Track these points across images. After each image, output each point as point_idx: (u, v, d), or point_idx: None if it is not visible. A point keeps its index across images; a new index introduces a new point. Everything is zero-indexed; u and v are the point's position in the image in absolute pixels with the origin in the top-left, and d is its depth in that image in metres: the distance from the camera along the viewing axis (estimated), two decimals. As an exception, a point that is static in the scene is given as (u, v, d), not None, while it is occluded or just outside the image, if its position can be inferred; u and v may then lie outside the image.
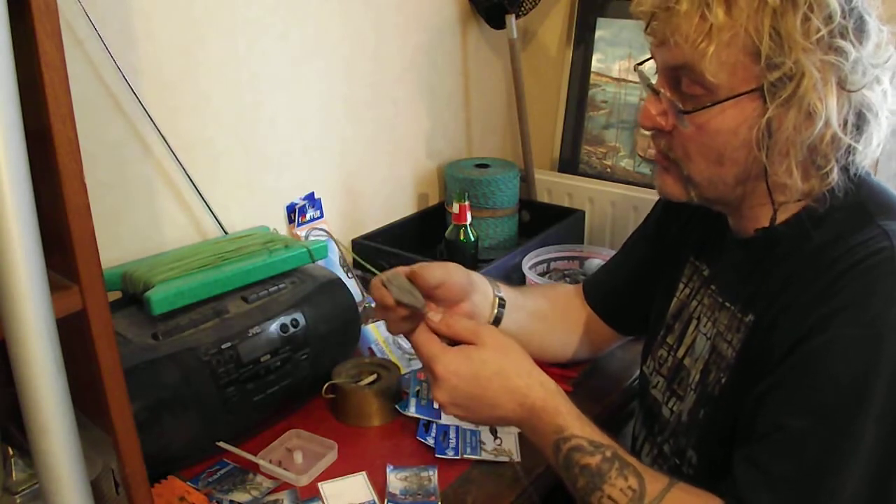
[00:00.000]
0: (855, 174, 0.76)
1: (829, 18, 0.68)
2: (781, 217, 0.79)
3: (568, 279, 1.42)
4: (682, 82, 0.75)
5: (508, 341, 0.83)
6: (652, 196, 1.48)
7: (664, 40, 0.74)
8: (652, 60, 0.80)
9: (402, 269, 0.88)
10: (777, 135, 0.72)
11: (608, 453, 0.76)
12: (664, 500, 0.74)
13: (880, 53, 0.72)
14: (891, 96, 0.74)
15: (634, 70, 0.85)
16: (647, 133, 0.82)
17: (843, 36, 0.69)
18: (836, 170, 0.74)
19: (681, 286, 0.95)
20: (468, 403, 0.81)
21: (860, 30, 0.71)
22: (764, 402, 0.74)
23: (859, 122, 0.72)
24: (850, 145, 0.72)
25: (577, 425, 0.78)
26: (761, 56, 0.70)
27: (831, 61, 0.69)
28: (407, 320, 0.85)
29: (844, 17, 0.69)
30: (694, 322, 0.91)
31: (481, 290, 1.01)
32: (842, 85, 0.70)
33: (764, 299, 0.79)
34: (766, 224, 0.80)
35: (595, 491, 0.75)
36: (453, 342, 0.82)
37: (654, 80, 0.80)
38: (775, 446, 0.71)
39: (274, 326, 1.01)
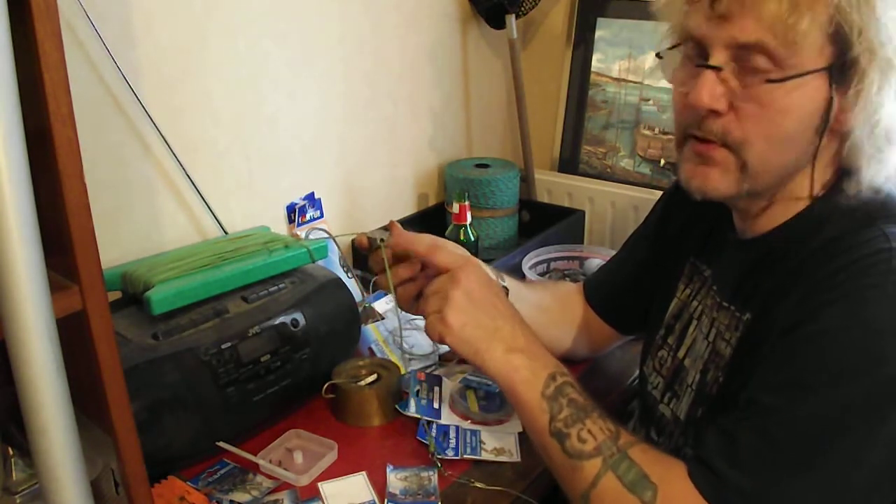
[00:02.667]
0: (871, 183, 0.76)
1: None
2: (781, 218, 0.80)
3: (568, 279, 1.42)
4: (749, 59, 0.71)
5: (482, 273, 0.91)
6: (652, 196, 1.48)
7: (735, 13, 0.70)
8: (676, 47, 0.78)
9: (393, 223, 0.95)
10: (836, 120, 0.72)
11: (593, 404, 0.80)
12: (634, 447, 0.76)
13: None
14: None
15: (658, 56, 0.80)
16: (694, 118, 0.76)
17: None
18: (864, 173, 0.73)
19: (681, 286, 0.95)
20: (467, 316, 0.84)
21: None
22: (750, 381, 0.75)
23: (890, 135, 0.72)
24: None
25: (570, 375, 0.83)
26: (843, 35, 0.69)
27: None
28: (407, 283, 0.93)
29: None
30: (694, 322, 0.91)
31: None
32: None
33: (762, 297, 0.79)
34: (778, 223, 0.80)
35: (577, 423, 0.78)
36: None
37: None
38: (747, 419, 0.72)
39: (274, 326, 1.01)
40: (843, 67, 0.70)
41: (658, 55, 0.81)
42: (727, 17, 0.71)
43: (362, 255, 0.98)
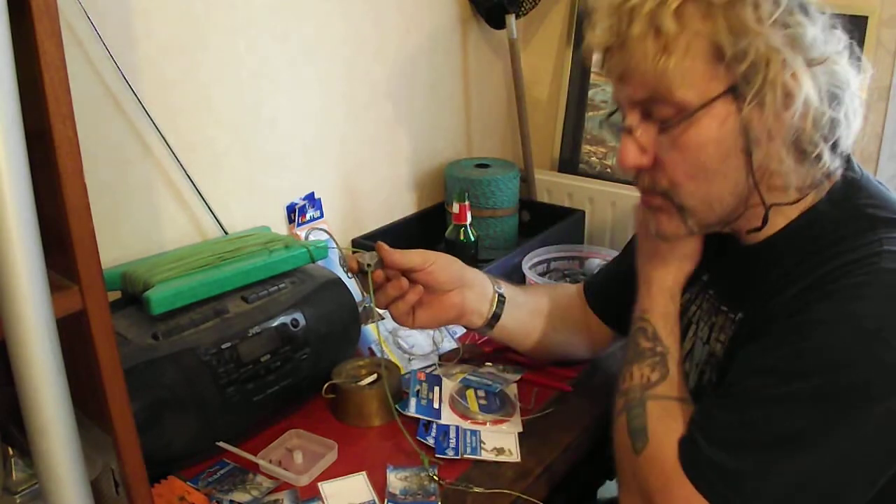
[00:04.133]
0: (851, 173, 0.77)
1: (776, 2, 0.70)
2: (781, 223, 0.80)
3: (568, 279, 1.42)
4: (652, 111, 0.75)
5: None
6: (652, 196, 1.49)
7: (625, 72, 0.75)
8: (614, 113, 0.81)
9: (380, 245, 0.95)
10: (758, 129, 0.72)
11: (658, 349, 0.85)
12: (660, 401, 0.81)
13: (831, 36, 0.74)
14: (854, 76, 0.74)
15: (602, 126, 0.87)
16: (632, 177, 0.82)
17: (793, 13, 0.71)
18: (826, 151, 0.73)
19: (680, 290, 0.96)
20: None
21: (806, 10, 0.72)
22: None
23: (833, 99, 0.73)
24: (833, 119, 0.72)
25: (657, 312, 0.88)
26: (725, 54, 0.70)
27: (791, 37, 0.70)
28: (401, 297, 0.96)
29: (788, 1, 0.71)
30: (693, 327, 0.92)
31: (478, 286, 1.02)
32: (808, 60, 0.71)
33: (754, 298, 0.80)
34: (768, 233, 0.80)
35: (629, 364, 0.86)
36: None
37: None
38: (726, 398, 0.75)
39: (274, 326, 1.01)
40: (746, 73, 0.70)
41: (606, 121, 0.86)
42: (622, 75, 0.75)
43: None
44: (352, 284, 1.14)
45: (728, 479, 0.70)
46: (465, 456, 0.96)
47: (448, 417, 1.04)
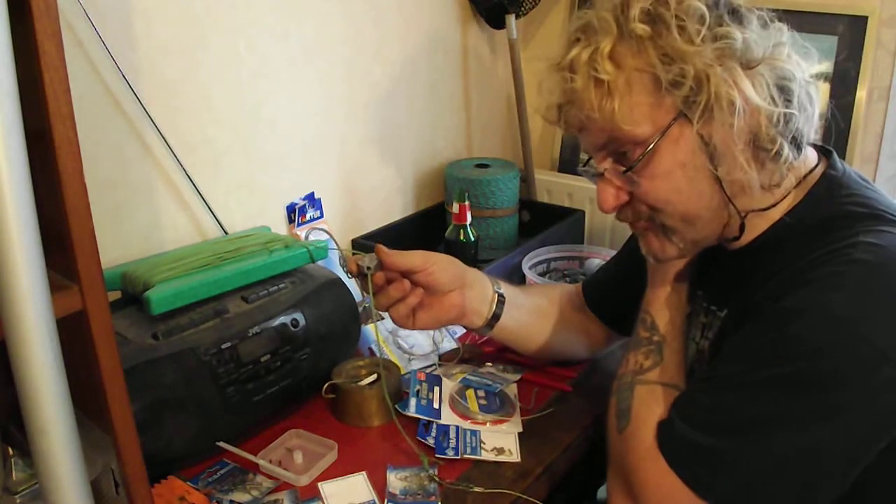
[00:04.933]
0: (832, 172, 0.79)
1: (701, 18, 0.72)
2: (763, 226, 0.81)
3: (568, 279, 1.42)
4: (615, 151, 0.78)
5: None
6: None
7: (581, 124, 0.78)
8: (588, 160, 0.83)
9: (379, 248, 0.96)
10: (715, 141, 0.73)
11: (655, 338, 0.88)
12: (649, 385, 0.84)
13: (769, 29, 0.75)
14: (804, 64, 0.76)
15: (580, 173, 0.90)
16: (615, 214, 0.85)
17: (721, 24, 0.72)
18: (786, 146, 0.74)
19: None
20: None
21: (736, 17, 0.74)
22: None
23: (784, 93, 0.74)
24: (785, 114, 0.73)
25: (657, 304, 0.90)
26: (664, 82, 0.72)
27: (722, 49, 0.71)
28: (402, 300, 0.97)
29: (714, 11, 0.72)
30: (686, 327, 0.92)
31: (478, 286, 1.02)
32: (745, 65, 0.72)
33: (739, 296, 0.81)
34: (751, 237, 0.82)
35: (627, 351, 0.90)
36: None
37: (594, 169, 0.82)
38: (706, 382, 0.78)
39: (274, 326, 1.01)
40: (689, 95, 0.72)
41: (581, 170, 0.88)
42: (580, 127, 0.79)
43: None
44: (352, 284, 1.14)
45: (701, 459, 0.73)
46: (465, 456, 0.96)
47: (448, 417, 1.04)
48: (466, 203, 1.40)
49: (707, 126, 0.73)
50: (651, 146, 0.75)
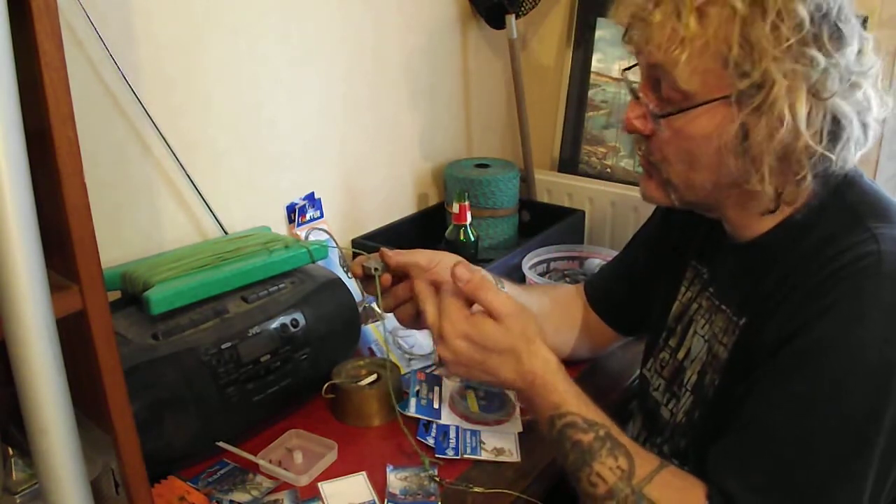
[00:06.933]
0: (835, 179, 0.77)
1: (798, 27, 0.69)
2: (772, 222, 0.80)
3: (568, 279, 1.42)
4: (661, 87, 0.76)
5: (530, 325, 0.84)
6: (652, 196, 1.48)
7: (640, 49, 0.77)
8: (635, 66, 0.81)
9: (383, 251, 0.95)
10: (749, 141, 0.72)
11: (601, 432, 0.78)
12: (652, 482, 0.75)
13: (863, 60, 0.73)
14: (875, 103, 0.74)
15: (621, 75, 0.86)
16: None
17: (814, 43, 0.69)
18: (809, 177, 0.74)
19: (682, 289, 0.96)
20: (469, 364, 0.85)
21: (836, 37, 0.71)
22: (747, 396, 0.75)
23: (835, 128, 0.72)
24: (823, 156, 0.72)
25: (573, 402, 0.81)
26: (733, 64, 0.71)
27: (800, 69, 0.69)
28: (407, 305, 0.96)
29: (816, 25, 0.69)
30: (693, 324, 0.92)
31: None
32: (813, 93, 0.70)
33: (756, 302, 0.80)
34: (761, 230, 0.81)
35: (584, 467, 0.78)
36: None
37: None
38: (749, 437, 0.73)
39: (274, 326, 1.01)
40: (747, 90, 0.71)
41: (623, 73, 0.86)
42: (638, 50, 0.78)
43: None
44: (352, 284, 1.14)
45: None
46: (465, 456, 0.96)
47: (448, 417, 1.04)
48: (466, 203, 1.40)
49: (751, 123, 0.72)
50: (692, 107, 0.74)
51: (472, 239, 1.41)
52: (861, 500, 0.69)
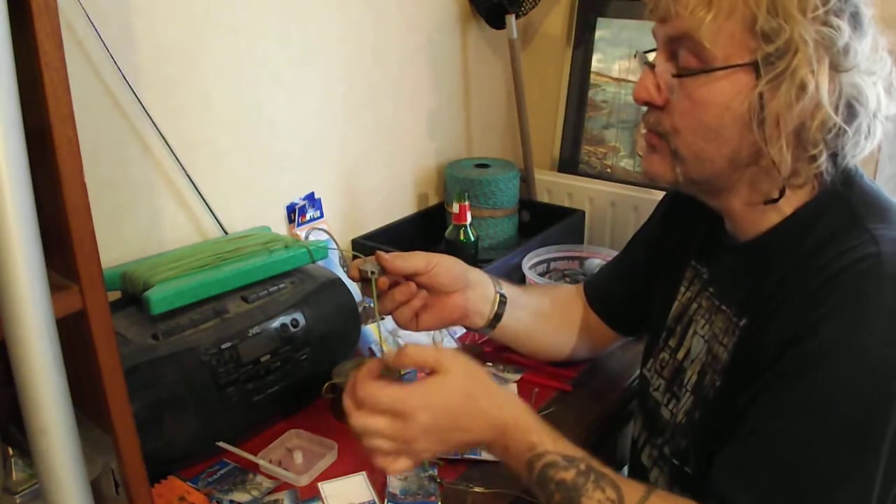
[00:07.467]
0: (845, 170, 0.76)
1: None
2: (772, 220, 0.80)
3: (568, 279, 1.42)
4: (679, 55, 0.76)
5: (471, 364, 0.80)
6: (652, 196, 1.48)
7: (667, 15, 0.75)
8: (653, 51, 0.80)
9: (379, 255, 0.93)
10: (768, 110, 0.72)
11: (582, 466, 0.75)
12: None
13: (875, 56, 0.73)
14: (885, 102, 0.74)
15: (636, 58, 0.85)
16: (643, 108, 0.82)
17: (838, 16, 0.70)
18: (825, 155, 0.73)
19: (682, 289, 0.95)
20: (440, 435, 0.77)
21: (856, 21, 0.72)
22: (751, 404, 0.74)
23: (849, 111, 0.72)
24: (840, 128, 0.72)
25: (548, 441, 0.77)
26: (758, 29, 0.70)
27: (825, 37, 0.69)
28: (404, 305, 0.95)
29: (842, 0, 0.70)
30: (693, 324, 0.92)
31: (480, 287, 1.02)
32: (834, 66, 0.71)
33: (756, 303, 0.79)
34: (762, 229, 0.80)
35: None
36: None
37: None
38: (755, 446, 0.72)
39: (274, 326, 1.01)
40: (772, 54, 0.71)
41: (640, 54, 0.84)
42: (664, 17, 0.76)
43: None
44: (352, 284, 1.14)
45: None
46: (465, 456, 0.96)
47: (448, 417, 1.03)
48: (466, 203, 1.40)
49: (770, 91, 0.71)
50: (712, 72, 0.73)
51: (472, 239, 1.41)
52: (868, 502, 0.69)
